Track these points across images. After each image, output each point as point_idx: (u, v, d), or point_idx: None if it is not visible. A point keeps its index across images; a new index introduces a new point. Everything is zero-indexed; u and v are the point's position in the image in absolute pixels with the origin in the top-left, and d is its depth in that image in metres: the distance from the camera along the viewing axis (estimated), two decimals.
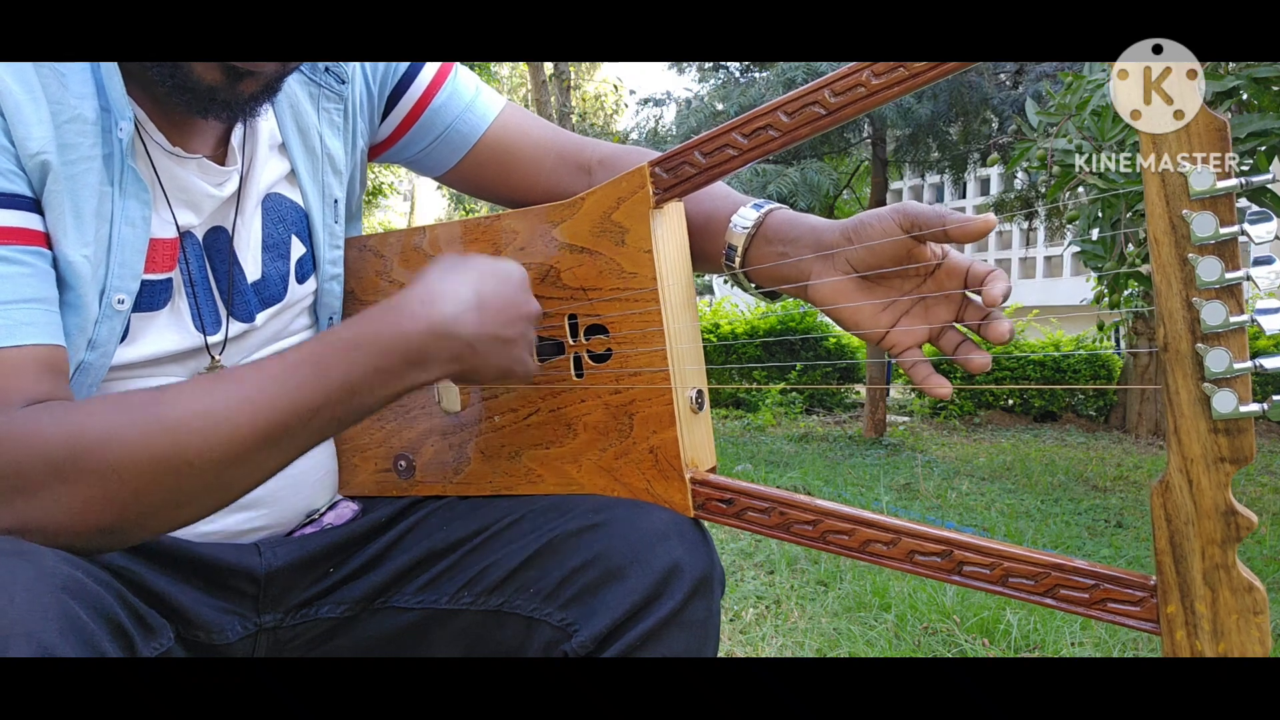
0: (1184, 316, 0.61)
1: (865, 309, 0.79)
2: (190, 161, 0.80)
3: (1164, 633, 0.64)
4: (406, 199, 20.79)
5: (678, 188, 0.79)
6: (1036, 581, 0.67)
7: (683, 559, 0.76)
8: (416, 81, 0.95)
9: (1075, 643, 2.21)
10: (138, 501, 0.62)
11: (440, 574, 0.86)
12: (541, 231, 0.86)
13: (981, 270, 0.75)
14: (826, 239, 0.80)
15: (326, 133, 0.90)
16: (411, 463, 0.94)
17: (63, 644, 0.54)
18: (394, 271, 0.94)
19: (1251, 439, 0.61)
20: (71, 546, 0.62)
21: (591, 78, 17.26)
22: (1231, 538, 0.61)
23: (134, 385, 0.78)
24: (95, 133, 0.72)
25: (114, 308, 0.74)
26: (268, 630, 0.84)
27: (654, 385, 0.80)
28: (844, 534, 0.73)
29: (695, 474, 0.80)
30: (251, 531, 0.85)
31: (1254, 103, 2.16)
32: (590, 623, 0.76)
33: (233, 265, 0.84)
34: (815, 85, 0.73)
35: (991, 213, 4.72)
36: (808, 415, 7.63)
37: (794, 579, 2.77)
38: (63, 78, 0.71)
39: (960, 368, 0.76)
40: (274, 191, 0.87)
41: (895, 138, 6.24)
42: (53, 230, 0.70)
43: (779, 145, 0.75)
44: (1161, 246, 0.61)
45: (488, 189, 1.01)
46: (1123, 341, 6.41)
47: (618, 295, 0.82)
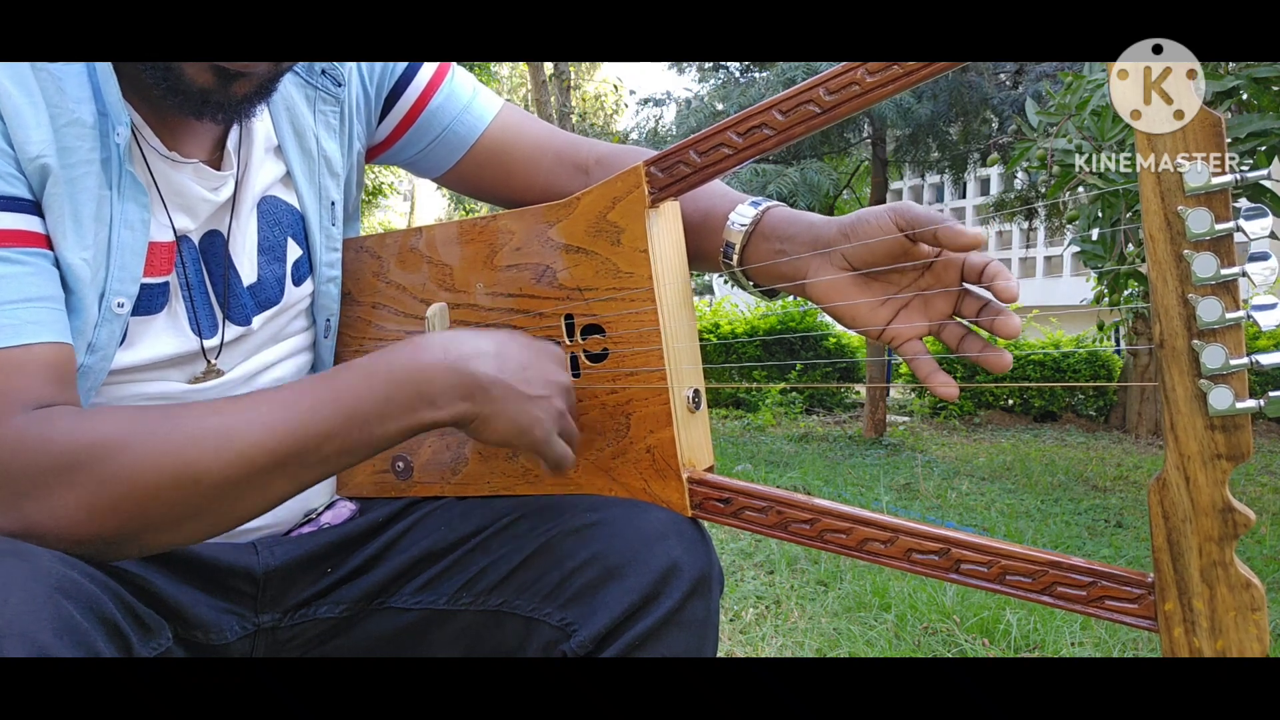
0: (1180, 313, 0.60)
1: (863, 305, 0.79)
2: (186, 166, 0.80)
3: (1162, 630, 0.63)
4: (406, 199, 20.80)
5: (673, 187, 0.79)
6: (1034, 579, 0.67)
7: (681, 558, 0.76)
8: (414, 83, 0.94)
9: (1075, 643, 2.21)
10: (142, 513, 0.62)
11: (439, 574, 0.86)
12: (537, 231, 0.86)
13: (978, 262, 0.75)
14: (824, 236, 0.80)
15: (323, 135, 0.90)
16: (409, 463, 0.94)
17: (57, 644, 0.54)
18: (391, 272, 0.94)
19: (1249, 435, 0.60)
20: (72, 554, 0.61)
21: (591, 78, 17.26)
22: (1229, 535, 0.61)
23: (132, 389, 0.79)
24: (93, 137, 0.72)
25: (113, 311, 0.74)
26: (266, 630, 0.84)
27: (650, 385, 0.80)
28: (841, 533, 0.73)
29: (693, 473, 0.80)
30: (249, 531, 0.85)
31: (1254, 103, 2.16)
32: (589, 622, 0.76)
33: (228, 269, 0.84)
34: (810, 84, 0.72)
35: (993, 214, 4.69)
36: (808, 415, 7.63)
37: (794, 579, 2.77)
38: (60, 82, 0.71)
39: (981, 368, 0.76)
40: (269, 194, 0.87)
41: (895, 138, 6.25)
42: (53, 233, 0.70)
43: (774, 144, 0.75)
44: (1157, 243, 0.61)
45: (486, 190, 1.01)
46: (1123, 341, 6.41)
47: (614, 295, 0.82)
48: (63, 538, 0.61)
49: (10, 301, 0.66)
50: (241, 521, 0.68)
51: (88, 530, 0.62)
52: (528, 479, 0.88)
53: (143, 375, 0.79)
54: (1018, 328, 0.73)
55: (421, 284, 0.92)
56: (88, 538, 0.62)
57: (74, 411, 0.65)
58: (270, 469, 0.65)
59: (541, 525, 0.82)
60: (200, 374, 0.82)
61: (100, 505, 0.61)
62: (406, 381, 0.69)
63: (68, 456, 0.62)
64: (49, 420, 0.63)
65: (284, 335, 0.90)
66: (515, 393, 0.73)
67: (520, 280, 0.87)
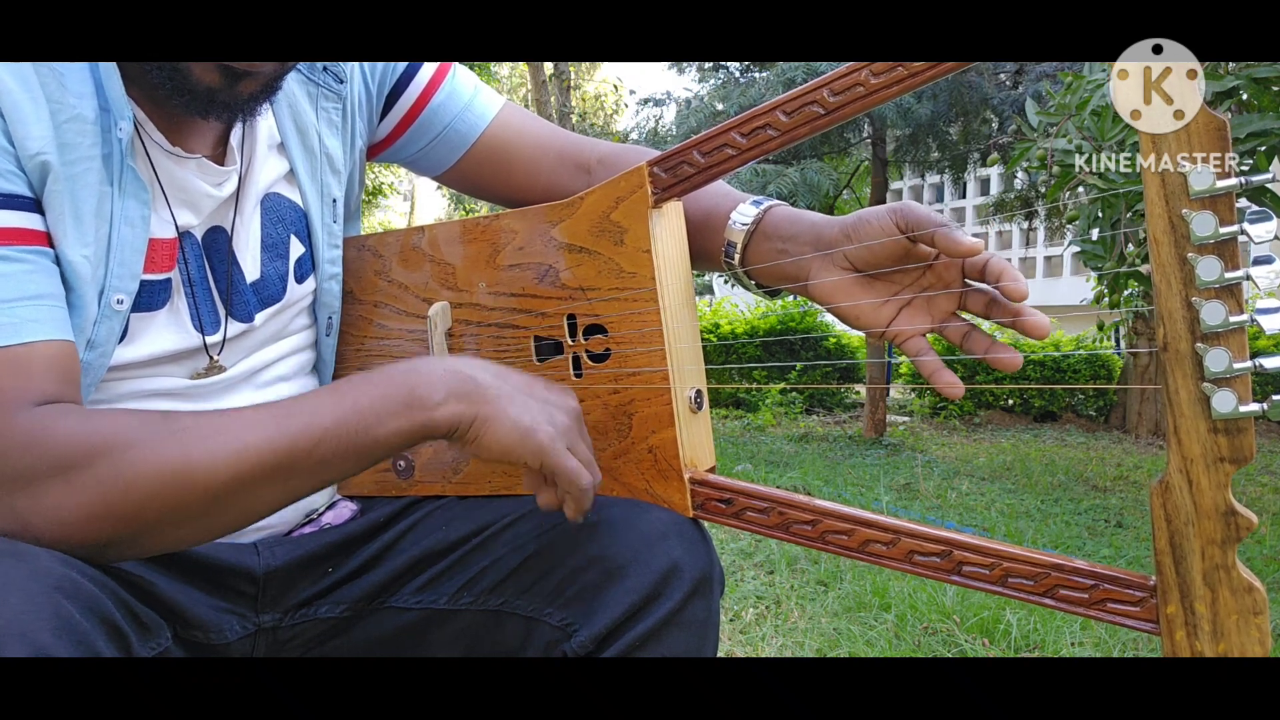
0: (1184, 316, 0.60)
1: (866, 305, 0.79)
2: (189, 161, 0.80)
3: (1164, 633, 0.63)
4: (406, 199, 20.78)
5: (676, 187, 0.79)
6: (1036, 582, 0.67)
7: (682, 559, 0.76)
8: (415, 81, 0.94)
9: (1075, 643, 2.21)
10: (139, 515, 0.62)
11: (439, 574, 0.85)
12: (540, 231, 0.86)
13: (979, 260, 0.74)
14: (826, 236, 0.80)
15: (325, 132, 0.90)
16: (410, 462, 0.94)
17: (57, 644, 0.54)
18: (393, 271, 0.94)
19: (1251, 439, 0.60)
20: (69, 554, 0.61)
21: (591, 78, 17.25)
22: (1231, 538, 0.61)
23: (133, 385, 0.78)
24: (95, 132, 0.72)
25: (113, 308, 0.74)
26: (266, 630, 0.84)
27: (652, 385, 0.80)
28: (843, 534, 0.73)
29: (694, 474, 0.80)
30: (250, 531, 0.85)
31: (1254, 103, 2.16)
32: (590, 623, 0.76)
33: (231, 265, 0.84)
34: (814, 85, 0.72)
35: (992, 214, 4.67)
36: (808, 415, 7.63)
37: (794, 579, 2.77)
38: (61, 77, 0.71)
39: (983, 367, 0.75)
40: (273, 191, 0.87)
41: (895, 138, 6.24)
42: (53, 230, 0.70)
43: (778, 145, 0.75)
44: (1161, 246, 0.60)
45: (487, 189, 1.01)
46: (1123, 341, 6.41)
47: (616, 295, 0.81)
48: (58, 537, 0.61)
49: (11, 300, 0.66)
50: (239, 526, 0.68)
51: (84, 530, 0.61)
52: None
53: (144, 371, 0.79)
54: (1048, 327, 0.71)
55: (424, 283, 0.92)
56: (84, 538, 0.62)
57: (76, 411, 0.65)
58: (268, 471, 0.64)
59: (542, 525, 0.82)
60: (202, 370, 0.82)
61: (96, 506, 0.61)
62: (403, 384, 0.68)
63: (66, 456, 0.61)
64: (50, 419, 0.63)
65: (286, 332, 0.89)
66: (516, 397, 0.70)
67: (523, 280, 0.87)
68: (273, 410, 0.67)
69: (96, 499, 0.61)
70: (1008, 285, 0.72)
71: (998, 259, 0.73)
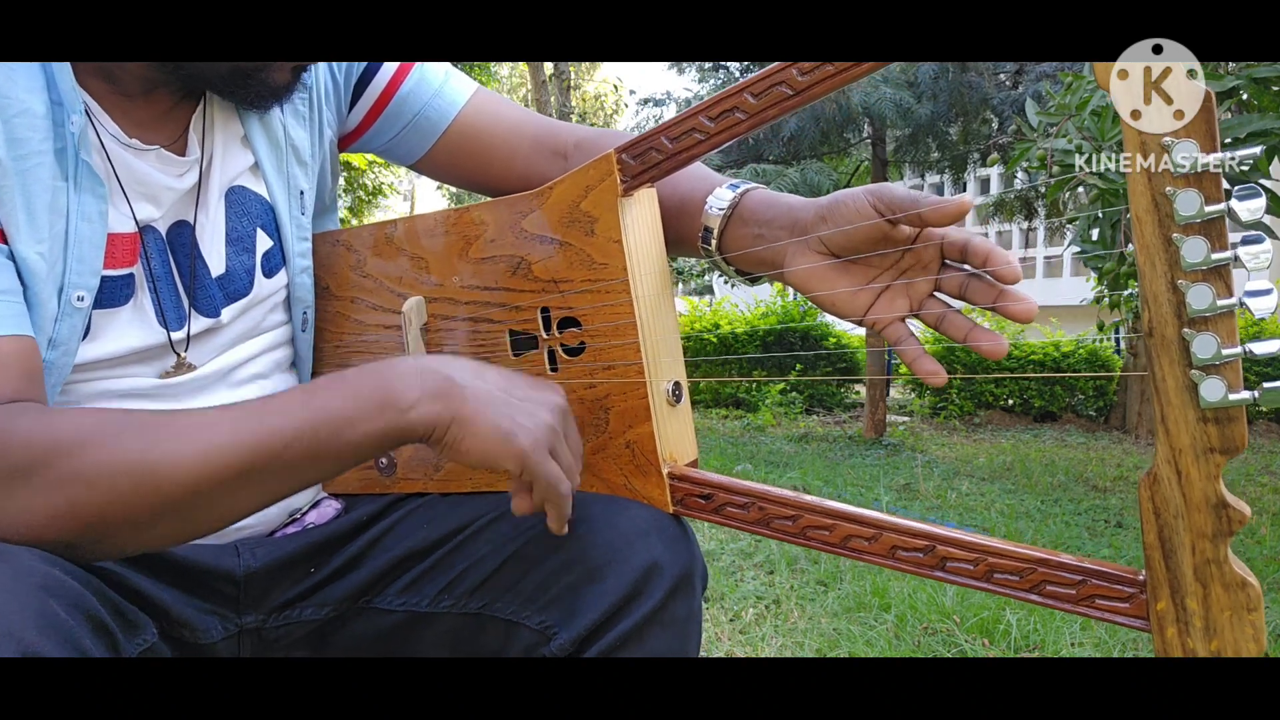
0: (1169, 300, 0.58)
1: (843, 291, 0.77)
2: (148, 153, 0.78)
3: (1154, 630, 0.61)
4: (406, 199, 20.80)
5: (646, 174, 0.77)
6: (1021, 577, 0.65)
7: (662, 557, 0.74)
8: (382, 69, 0.93)
9: (1075, 643, 2.19)
10: (102, 515, 0.61)
11: (421, 575, 0.84)
12: (510, 223, 0.84)
13: (958, 239, 0.72)
14: (802, 220, 0.78)
15: (290, 123, 0.88)
16: (393, 459, 0.92)
17: (43, 642, 0.53)
18: (368, 265, 0.92)
19: (1243, 428, 0.58)
20: None
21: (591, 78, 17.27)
22: (1223, 531, 0.59)
23: (101, 385, 0.77)
24: (46, 127, 0.70)
25: (74, 305, 0.72)
26: (250, 631, 0.83)
27: (628, 379, 0.78)
28: (824, 529, 0.71)
29: (674, 469, 0.78)
30: (231, 531, 0.84)
31: (1254, 103, 2.15)
32: (569, 625, 0.74)
33: (195, 259, 0.82)
34: (781, 65, 0.70)
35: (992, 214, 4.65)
36: (808, 415, 7.60)
37: (794, 579, 2.75)
38: (10, 71, 0.69)
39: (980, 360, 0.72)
40: (238, 184, 0.85)
41: (895, 138, 6.22)
42: (5, 226, 0.69)
43: (747, 127, 0.73)
44: (1144, 225, 0.58)
45: (464, 177, 0.99)
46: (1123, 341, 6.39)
47: (589, 287, 0.79)
48: (25, 539, 0.59)
49: None
50: (216, 527, 0.66)
51: (49, 531, 0.60)
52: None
53: (110, 370, 0.77)
54: (1033, 308, 0.67)
55: (398, 276, 0.90)
56: (50, 539, 0.60)
57: (37, 410, 0.64)
58: (235, 473, 0.62)
59: (522, 524, 0.80)
60: (171, 368, 0.80)
61: (60, 507, 0.60)
62: (377, 385, 0.66)
63: (27, 457, 0.60)
64: (10, 418, 0.62)
65: (260, 329, 0.88)
66: (495, 397, 0.67)
67: (496, 272, 0.85)
68: (241, 411, 0.64)
69: (60, 499, 0.60)
70: (999, 268, 0.68)
71: (979, 239, 0.71)
